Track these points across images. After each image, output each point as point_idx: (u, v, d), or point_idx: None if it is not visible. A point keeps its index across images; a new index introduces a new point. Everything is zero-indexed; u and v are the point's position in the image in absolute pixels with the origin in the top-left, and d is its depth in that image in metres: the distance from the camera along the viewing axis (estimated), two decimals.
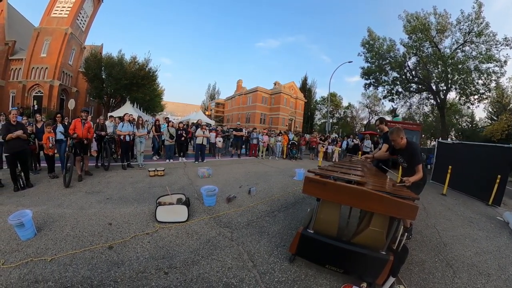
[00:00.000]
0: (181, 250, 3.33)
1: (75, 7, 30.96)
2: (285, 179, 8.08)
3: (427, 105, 21.66)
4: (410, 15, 18.46)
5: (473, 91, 17.81)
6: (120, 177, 7.43)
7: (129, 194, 5.77)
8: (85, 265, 3.01)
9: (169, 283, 2.67)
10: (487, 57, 16.78)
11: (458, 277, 2.93)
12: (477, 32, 17.09)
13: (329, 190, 2.66)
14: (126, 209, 4.78)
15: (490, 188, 6.57)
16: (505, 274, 3.08)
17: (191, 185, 6.76)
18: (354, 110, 49.32)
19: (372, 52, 19.64)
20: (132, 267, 2.95)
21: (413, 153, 3.49)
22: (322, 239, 2.73)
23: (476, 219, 5.22)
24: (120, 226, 4.05)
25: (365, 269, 2.58)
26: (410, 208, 2.38)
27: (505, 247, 3.89)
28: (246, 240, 3.66)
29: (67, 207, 4.85)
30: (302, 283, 2.67)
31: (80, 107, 18.37)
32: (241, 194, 5.95)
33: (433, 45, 18.19)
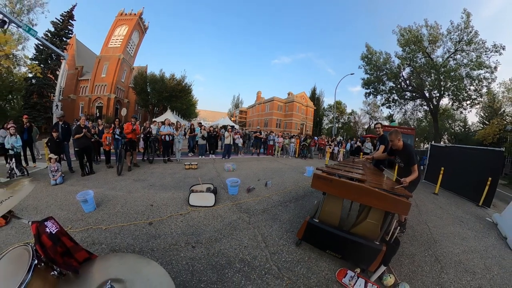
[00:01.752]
0: (207, 229, 3.37)
1: (125, 38, 33.31)
2: (296, 175, 7.96)
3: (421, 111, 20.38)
4: (403, 29, 17.36)
5: (465, 97, 16.39)
6: (161, 169, 7.61)
7: (168, 183, 5.89)
8: (130, 235, 3.15)
9: (194, 255, 2.73)
10: (477, 64, 15.44)
11: (445, 272, 2.70)
12: (467, 41, 15.77)
13: (334, 186, 2.63)
14: (165, 194, 4.89)
15: (481, 190, 5.98)
16: (490, 274, 2.74)
17: (218, 177, 6.81)
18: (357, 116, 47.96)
19: (371, 65, 18.83)
20: (166, 240, 3.04)
21: (409, 155, 3.31)
22: (325, 227, 2.69)
23: (466, 219, 4.79)
24: (159, 207, 4.16)
25: (360, 257, 2.50)
26: (404, 205, 2.30)
27: (492, 248, 3.51)
28: (261, 224, 3.64)
29: (118, 190, 5.09)
30: (305, 264, 2.63)
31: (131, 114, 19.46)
32: (259, 186, 5.93)
33: (426, 55, 16.94)
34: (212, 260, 2.62)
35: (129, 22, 34.08)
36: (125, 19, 34.28)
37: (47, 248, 1.27)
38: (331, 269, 2.54)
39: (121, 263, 1.34)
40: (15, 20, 9.50)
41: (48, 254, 1.26)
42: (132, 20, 34.09)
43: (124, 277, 1.19)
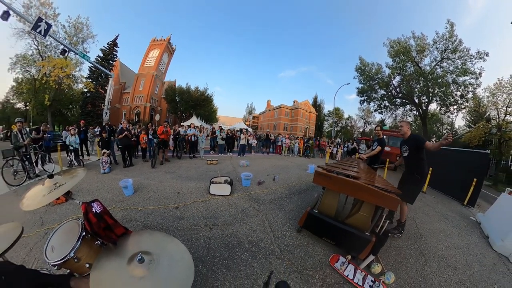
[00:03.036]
0: (222, 214, 3.39)
1: (157, 59, 34.81)
2: (300, 171, 7.83)
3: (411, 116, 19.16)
4: (392, 41, 16.31)
5: (452, 102, 15.13)
6: (188, 164, 7.72)
7: (192, 175, 5.97)
8: (159, 216, 3.23)
9: (211, 235, 2.76)
10: (463, 71, 14.25)
11: (428, 265, 2.52)
12: (452, 49, 14.60)
13: (332, 182, 2.57)
14: (190, 184, 4.96)
15: (466, 190, 5.49)
16: (470, 270, 2.53)
17: (234, 171, 6.83)
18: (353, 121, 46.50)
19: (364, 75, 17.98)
20: (189, 221, 3.09)
21: (417, 138, 2.99)
22: (323, 217, 2.63)
23: (451, 217, 4.42)
24: (185, 194, 4.23)
25: (352, 245, 2.41)
26: (392, 200, 2.20)
27: (474, 245, 3.21)
28: (268, 212, 3.60)
29: (152, 179, 5.22)
30: (304, 248, 2.59)
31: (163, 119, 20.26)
32: (268, 180, 5.87)
33: (415, 64, 15.85)
34: (225, 240, 2.63)
35: (160, 46, 35.77)
36: (157, 44, 36.08)
37: (93, 224, 1.32)
38: (326, 254, 2.48)
39: (150, 239, 1.36)
40: (73, 49, 10.37)
41: (93, 229, 1.32)
42: (162, 44, 35.73)
43: (152, 251, 1.21)
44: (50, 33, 8.51)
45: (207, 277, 2.03)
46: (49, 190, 1.49)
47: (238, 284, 1.96)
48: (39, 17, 8.40)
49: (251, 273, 2.11)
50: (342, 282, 2.08)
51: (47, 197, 1.43)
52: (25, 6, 15.60)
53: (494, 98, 14.63)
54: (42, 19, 8.29)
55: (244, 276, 2.06)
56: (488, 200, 6.57)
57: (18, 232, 1.35)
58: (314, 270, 2.21)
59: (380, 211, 2.59)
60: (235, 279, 2.02)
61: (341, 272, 2.18)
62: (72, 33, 19.09)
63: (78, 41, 19.43)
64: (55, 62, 17.60)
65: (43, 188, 1.53)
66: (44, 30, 8.18)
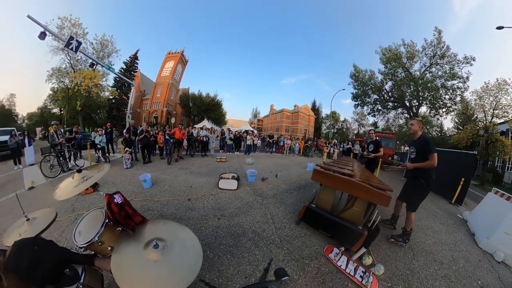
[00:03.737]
0: (230, 207, 3.38)
1: (172, 69, 35.29)
2: (300, 169, 7.75)
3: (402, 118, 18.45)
4: (384, 49, 15.74)
5: (441, 105, 14.46)
6: (200, 161, 7.74)
7: (204, 171, 5.99)
8: (173, 207, 3.26)
9: (219, 224, 2.77)
10: (451, 75, 13.63)
11: (416, 259, 2.42)
12: (440, 55, 13.98)
13: (329, 179, 2.54)
14: (201, 179, 4.97)
15: (454, 189, 5.23)
16: (456, 266, 2.41)
17: (241, 168, 6.81)
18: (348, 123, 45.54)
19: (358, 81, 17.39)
20: (199, 212, 3.11)
21: (426, 142, 2.57)
22: (320, 211, 2.59)
23: (439, 214, 4.21)
24: (196, 188, 4.24)
25: (346, 238, 2.36)
26: (384, 197, 2.14)
27: (460, 242, 3.04)
28: (270, 206, 3.58)
29: (167, 174, 5.27)
30: (301, 239, 2.56)
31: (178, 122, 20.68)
32: (271, 176, 5.83)
33: (405, 70, 15.23)
34: (231, 229, 2.64)
35: (174, 58, 36.35)
36: (172, 56, 36.68)
37: (114, 213, 1.35)
38: (321, 245, 2.44)
39: (165, 227, 1.38)
40: (100, 62, 10.80)
41: (114, 217, 1.35)
42: (176, 56, 36.31)
43: (166, 238, 1.22)
44: (80, 49, 8.82)
45: (214, 261, 2.05)
46: (78, 183, 1.53)
47: (241, 269, 1.96)
48: (71, 36, 8.76)
49: (253, 260, 2.10)
50: (335, 271, 2.05)
51: (76, 188, 1.48)
52: (58, 27, 16.53)
53: (481, 101, 13.70)
54: (73, 38, 8.63)
55: (247, 262, 2.06)
56: (475, 199, 6.25)
57: (53, 217, 1.40)
58: (310, 259, 2.18)
59: (372, 207, 2.53)
60: (239, 264, 2.03)
61: (335, 262, 2.14)
62: (99, 48, 19.98)
63: (104, 56, 20.30)
64: (85, 74, 18.63)
65: (73, 181, 1.58)
66: (75, 47, 8.51)
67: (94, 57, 12.33)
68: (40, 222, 1.35)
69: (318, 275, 1.98)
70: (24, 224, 1.35)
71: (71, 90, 19.86)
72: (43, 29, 7.54)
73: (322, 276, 1.96)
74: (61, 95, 20.98)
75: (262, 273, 1.86)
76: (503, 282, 2.24)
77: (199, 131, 9.87)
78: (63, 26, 17.01)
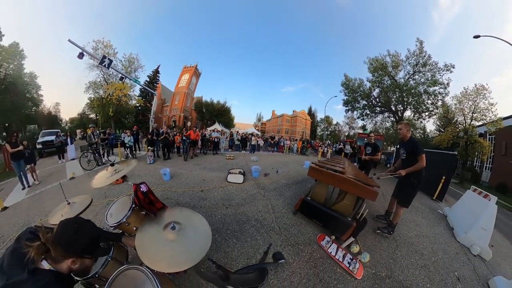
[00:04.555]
0: (236, 197, 3.38)
1: (188, 81, 35.68)
2: (298, 166, 7.66)
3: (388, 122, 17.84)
4: (371, 59, 15.16)
5: (424, 109, 13.81)
6: (211, 158, 7.75)
7: (215, 166, 5.99)
8: (188, 197, 3.29)
9: (227, 212, 2.78)
10: (433, 82, 13.03)
11: (399, 250, 2.32)
12: (423, 63, 13.39)
13: (323, 175, 2.51)
14: (213, 173, 4.97)
15: (436, 186, 4.92)
16: (435, 257, 2.30)
17: (247, 165, 6.77)
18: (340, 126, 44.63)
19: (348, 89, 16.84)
20: (210, 202, 3.13)
21: (414, 145, 2.42)
22: (314, 203, 2.56)
23: (421, 209, 3.98)
24: (208, 181, 4.25)
25: (336, 227, 2.31)
26: (372, 192, 2.09)
27: (440, 235, 2.88)
28: (271, 197, 3.55)
29: (184, 169, 5.32)
30: (297, 227, 2.53)
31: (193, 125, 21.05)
32: (272, 172, 5.77)
33: (391, 78, 14.63)
34: (237, 217, 2.65)
35: (189, 71, 36.65)
36: (187, 70, 37.03)
37: (140, 199, 1.40)
38: (314, 233, 2.40)
39: (181, 213, 1.41)
40: (128, 76, 11.52)
41: (140, 203, 1.40)
42: (191, 70, 36.63)
43: (182, 222, 1.25)
44: (112, 66, 9.30)
45: (221, 244, 2.07)
46: (110, 174, 1.60)
47: (244, 251, 1.98)
48: (104, 55, 9.25)
49: (255, 244, 2.11)
50: (326, 257, 2.03)
51: (109, 179, 1.54)
52: (93, 48, 17.81)
53: (461, 105, 12.87)
54: (105, 57, 9.10)
55: (249, 246, 2.07)
56: (454, 196, 5.96)
57: (89, 201, 1.47)
58: (304, 245, 2.16)
59: (361, 201, 2.48)
60: (242, 247, 2.04)
61: (326, 249, 2.12)
62: (127, 65, 21.13)
63: (131, 70, 21.33)
64: (116, 86, 19.75)
65: (107, 173, 1.64)
66: (107, 64, 8.98)
67: (123, 72, 13.01)
68: (79, 206, 1.42)
69: (311, 259, 1.96)
70: (65, 207, 1.42)
71: (104, 99, 21.01)
72: (81, 50, 7.97)
73: (314, 261, 1.94)
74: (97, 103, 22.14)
75: (262, 255, 1.86)
76: (478, 274, 2.14)
77: (211, 133, 9.97)
78: (97, 47, 18.12)
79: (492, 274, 2.15)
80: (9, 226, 2.54)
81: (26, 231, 0.81)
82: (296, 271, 1.80)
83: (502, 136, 13.43)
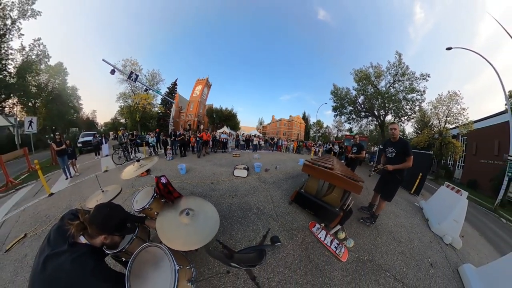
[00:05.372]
0: (241, 189, 3.36)
1: (200, 91, 35.77)
2: (294, 163, 7.56)
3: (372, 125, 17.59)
4: (356, 70, 14.92)
5: (403, 114, 13.44)
6: (220, 156, 7.73)
7: (223, 163, 5.95)
8: (200, 187, 3.30)
9: (233, 201, 2.78)
10: (410, 89, 12.73)
11: (380, 237, 2.25)
12: (401, 73, 13.12)
13: (315, 171, 2.49)
14: (221, 169, 4.94)
15: (413, 182, 4.81)
16: (411, 245, 2.22)
17: (250, 161, 6.70)
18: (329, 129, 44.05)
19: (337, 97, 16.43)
20: (219, 192, 3.12)
21: (405, 145, 2.21)
22: (307, 195, 2.53)
23: (400, 202, 3.82)
24: (218, 175, 4.23)
25: (325, 216, 2.27)
26: (357, 187, 2.06)
27: (416, 226, 2.77)
28: (271, 189, 3.50)
29: (197, 165, 5.30)
30: (292, 215, 2.50)
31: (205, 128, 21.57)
32: (272, 168, 5.71)
33: (374, 87, 14.31)
34: (241, 206, 2.64)
35: (202, 83, 36.73)
36: (200, 82, 37.09)
37: (161, 190, 1.41)
38: (306, 221, 2.36)
39: (194, 201, 1.42)
40: (151, 88, 12.34)
41: (160, 192, 1.41)
42: (203, 82, 36.70)
43: (195, 209, 1.27)
44: (138, 80, 9.78)
45: (227, 228, 2.08)
46: (137, 168, 1.63)
47: (246, 235, 1.98)
48: (131, 71, 9.71)
49: (256, 228, 2.11)
50: (316, 242, 2.00)
51: (135, 172, 1.57)
52: (123, 65, 19.19)
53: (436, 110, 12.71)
54: (133, 72, 9.52)
55: (251, 230, 2.07)
56: (429, 191, 5.73)
57: (119, 190, 1.50)
58: (298, 231, 2.14)
59: (347, 194, 2.46)
60: (245, 231, 2.04)
61: (316, 235, 2.09)
62: (150, 79, 22.34)
63: (154, 83, 22.51)
64: (141, 96, 21.19)
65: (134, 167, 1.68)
66: (134, 78, 9.38)
67: (147, 85, 13.70)
68: (111, 193, 1.46)
69: (303, 243, 1.94)
70: (100, 194, 1.47)
71: (132, 107, 22.34)
72: (113, 68, 8.32)
73: (305, 245, 1.93)
74: (126, 110, 23.39)
75: (261, 238, 1.86)
76: (449, 261, 2.07)
77: (220, 135, 10.03)
78: (126, 65, 19.50)
79: (462, 262, 2.08)
80: (55, 208, 2.68)
81: (68, 212, 0.85)
82: (290, 253, 1.79)
83: (473, 138, 13.08)
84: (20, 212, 2.67)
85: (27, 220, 2.38)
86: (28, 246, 1.84)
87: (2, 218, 2.52)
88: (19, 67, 12.52)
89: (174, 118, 36.25)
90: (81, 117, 28.10)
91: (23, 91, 12.78)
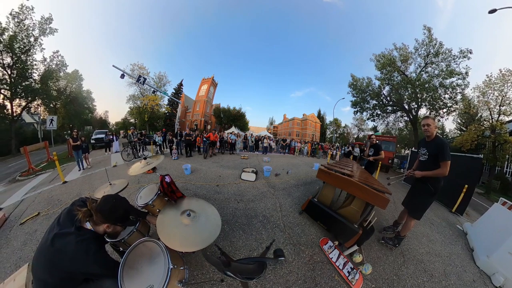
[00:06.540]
0: (247, 194, 3.36)
1: (207, 90, 37.03)
2: (307, 168, 7.31)
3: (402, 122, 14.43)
4: (378, 55, 12.76)
5: (441, 105, 10.94)
6: (228, 157, 7.85)
7: (230, 165, 6.01)
8: (205, 190, 3.39)
9: (238, 206, 2.80)
10: (448, 73, 10.17)
11: (406, 266, 1.91)
12: (434, 53, 10.67)
13: (331, 177, 2.32)
14: (228, 171, 4.98)
15: (456, 196, 3.90)
16: (447, 281, 1.79)
17: (259, 164, 6.66)
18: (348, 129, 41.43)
19: (356, 90, 14.25)
20: (224, 196, 3.17)
21: (441, 146, 1.84)
22: (321, 205, 2.40)
23: (437, 223, 3.20)
24: (224, 177, 4.29)
25: (341, 233, 2.06)
26: (382, 199, 1.79)
27: (456, 256, 2.25)
28: (280, 196, 3.44)
29: (203, 166, 5.46)
30: (301, 227, 2.41)
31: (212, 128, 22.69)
32: (283, 173, 5.59)
33: (401, 73, 12.12)
34: (246, 212, 2.65)
35: (207, 82, 37.96)
36: (205, 81, 38.37)
37: (164, 188, 1.51)
38: (317, 236, 2.21)
39: (196, 203, 1.48)
40: (158, 90, 13.83)
41: (164, 190, 1.51)
42: (209, 81, 37.88)
43: (196, 210, 1.32)
44: (146, 83, 11.03)
45: (229, 234, 2.10)
46: (144, 165, 1.78)
47: (248, 244, 1.96)
48: (139, 75, 11.17)
49: (259, 238, 2.08)
50: (326, 262, 1.84)
51: (142, 169, 1.72)
52: (131, 70, 22.92)
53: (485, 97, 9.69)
54: (141, 76, 10.84)
55: (254, 239, 2.05)
56: (478, 210, 4.95)
57: (125, 184, 1.69)
58: (306, 247, 2.01)
59: (370, 207, 2.20)
60: (247, 239, 2.03)
61: (327, 254, 1.92)
62: (157, 81, 25.59)
63: (161, 85, 25.66)
64: (149, 98, 24.50)
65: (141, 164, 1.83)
66: (142, 81, 10.63)
67: (154, 87, 15.39)
68: (118, 187, 1.64)
69: (310, 262, 1.81)
70: (108, 187, 1.66)
71: (141, 108, 25.70)
72: (122, 72, 9.53)
73: (313, 264, 1.79)
74: (135, 111, 26.80)
75: (264, 250, 1.80)
76: None
77: (228, 135, 10.17)
78: (134, 69, 23.16)
79: None
80: (67, 194, 3.20)
81: (78, 199, 1.01)
82: (293, 270, 1.69)
83: None
84: (37, 194, 3.26)
85: (42, 201, 2.89)
86: (39, 223, 2.24)
87: (22, 197, 3.14)
88: (42, 75, 15.98)
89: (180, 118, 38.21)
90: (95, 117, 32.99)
91: (45, 94, 16.13)
